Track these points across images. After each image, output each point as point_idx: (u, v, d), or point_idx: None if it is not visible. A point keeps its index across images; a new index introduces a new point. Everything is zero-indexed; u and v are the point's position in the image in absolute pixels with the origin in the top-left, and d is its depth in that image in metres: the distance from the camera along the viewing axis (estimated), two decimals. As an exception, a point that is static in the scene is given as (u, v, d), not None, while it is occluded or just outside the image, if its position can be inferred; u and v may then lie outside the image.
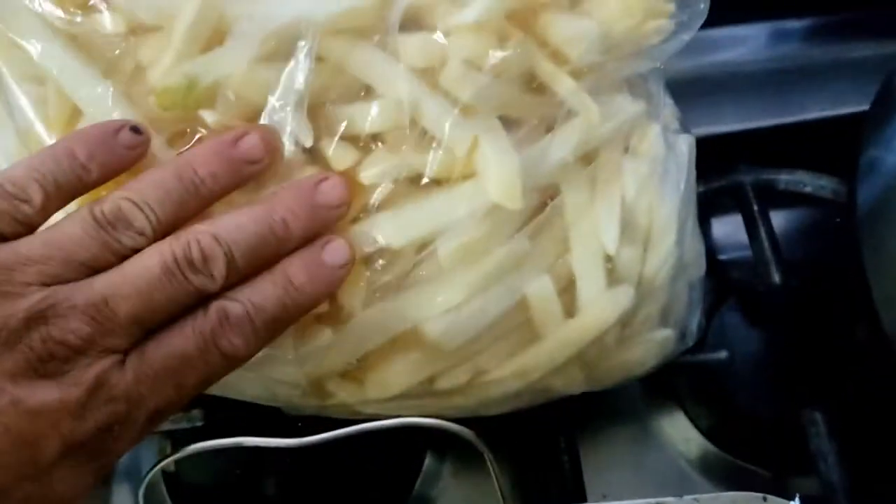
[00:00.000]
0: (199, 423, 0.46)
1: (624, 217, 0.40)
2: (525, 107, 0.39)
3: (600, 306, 0.40)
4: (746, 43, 0.57)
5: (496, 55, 0.37)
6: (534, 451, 0.46)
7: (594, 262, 0.40)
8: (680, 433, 0.49)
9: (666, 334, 0.43)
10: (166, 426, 0.47)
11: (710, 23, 0.41)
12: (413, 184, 0.38)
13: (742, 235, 0.52)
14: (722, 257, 0.53)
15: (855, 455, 0.44)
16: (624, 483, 0.48)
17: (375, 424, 0.30)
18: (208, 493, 0.48)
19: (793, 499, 0.38)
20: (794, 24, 0.58)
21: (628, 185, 0.40)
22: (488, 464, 0.32)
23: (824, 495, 0.43)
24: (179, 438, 0.47)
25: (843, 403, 0.45)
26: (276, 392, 0.41)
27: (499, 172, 0.37)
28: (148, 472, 0.32)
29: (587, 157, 0.40)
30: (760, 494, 0.39)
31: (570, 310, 0.40)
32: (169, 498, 0.48)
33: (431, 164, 0.37)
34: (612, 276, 0.40)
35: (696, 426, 0.48)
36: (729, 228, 0.53)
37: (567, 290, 0.40)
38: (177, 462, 0.48)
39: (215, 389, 0.42)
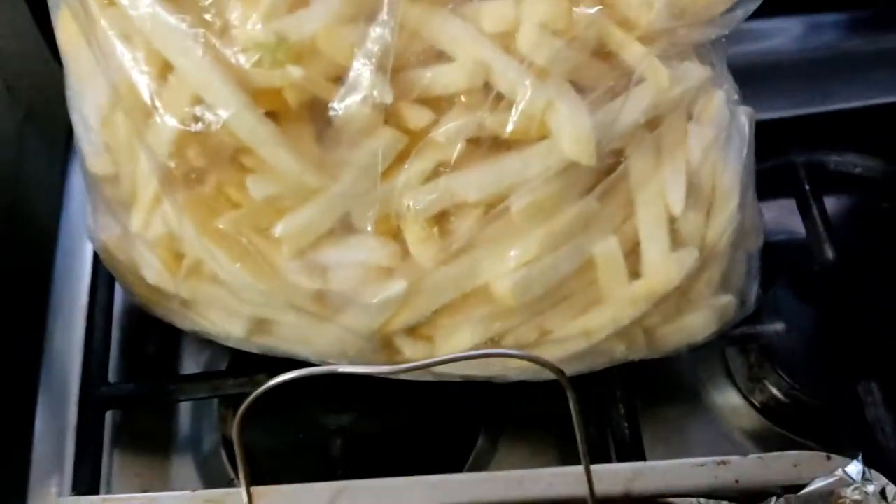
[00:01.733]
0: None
1: (688, 181, 0.41)
2: (595, 73, 0.40)
3: (665, 268, 0.41)
4: (786, 34, 0.59)
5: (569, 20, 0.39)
6: (593, 418, 0.46)
7: (659, 225, 0.41)
8: (733, 409, 0.49)
9: (727, 300, 0.43)
10: (231, 390, 0.48)
11: (752, 15, 0.42)
12: (486, 146, 0.40)
13: (789, 219, 0.54)
14: (771, 240, 0.54)
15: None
16: (678, 457, 0.48)
17: (461, 355, 0.31)
18: (269, 459, 0.49)
19: (855, 458, 0.39)
20: (831, 17, 0.60)
21: (693, 150, 0.41)
22: (571, 405, 0.32)
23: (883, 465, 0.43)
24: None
25: (896, 373, 0.45)
26: (346, 347, 0.42)
27: (574, 130, 0.38)
28: (247, 402, 0.32)
29: (653, 123, 0.41)
30: (824, 453, 0.39)
31: (635, 272, 0.41)
32: (229, 465, 0.48)
33: (507, 124, 0.39)
34: (676, 239, 0.41)
35: (750, 402, 0.49)
36: (776, 213, 0.54)
37: (632, 253, 0.41)
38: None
39: (286, 345, 0.43)
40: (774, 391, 0.48)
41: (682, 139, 0.41)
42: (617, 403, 0.45)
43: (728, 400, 0.50)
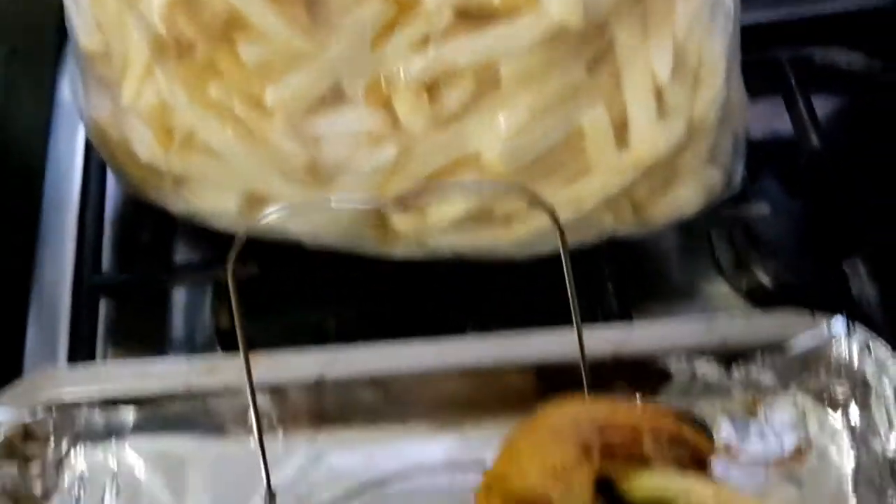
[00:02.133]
0: (254, 272, 0.47)
1: (675, 54, 0.42)
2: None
3: (652, 136, 0.41)
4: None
5: None
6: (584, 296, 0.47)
7: (646, 93, 0.41)
8: (721, 297, 0.50)
9: (714, 174, 0.44)
10: (224, 277, 0.48)
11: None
12: (475, 18, 0.40)
13: (777, 119, 0.54)
14: (758, 139, 0.54)
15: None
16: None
17: (459, 182, 0.31)
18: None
19: (840, 312, 0.40)
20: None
21: (679, 23, 0.42)
22: (561, 252, 0.33)
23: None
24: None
25: (881, 249, 0.46)
26: (339, 221, 0.42)
27: (561, -9, 0.38)
28: (242, 232, 0.33)
29: (638, -4, 0.42)
30: (808, 311, 0.40)
31: (624, 144, 0.42)
32: (223, 356, 0.49)
33: (495, -10, 0.39)
34: (664, 112, 0.42)
35: (737, 289, 0.50)
36: (763, 111, 0.54)
37: (621, 126, 0.42)
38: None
39: (279, 223, 0.44)
40: (761, 275, 0.49)
41: (668, 12, 0.42)
42: (605, 282, 0.46)
43: (716, 289, 0.50)
